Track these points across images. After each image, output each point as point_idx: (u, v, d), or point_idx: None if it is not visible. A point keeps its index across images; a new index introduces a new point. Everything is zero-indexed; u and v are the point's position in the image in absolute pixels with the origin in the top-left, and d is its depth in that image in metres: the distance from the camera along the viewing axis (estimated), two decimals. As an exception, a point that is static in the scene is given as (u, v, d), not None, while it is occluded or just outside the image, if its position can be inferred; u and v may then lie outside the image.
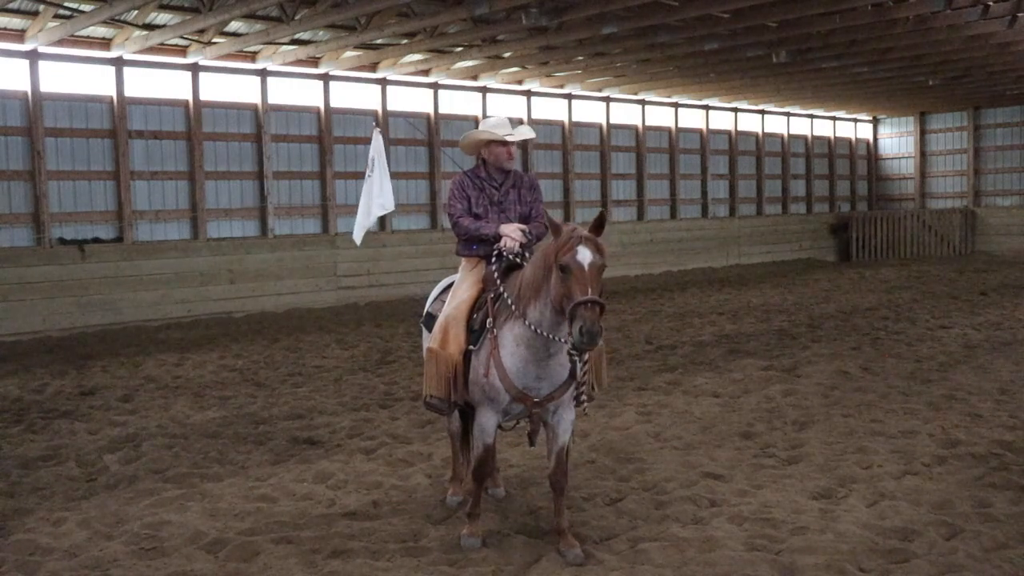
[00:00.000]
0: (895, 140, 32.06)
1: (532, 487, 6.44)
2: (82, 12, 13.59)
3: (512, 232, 5.51)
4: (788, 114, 28.83)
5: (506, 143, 5.70)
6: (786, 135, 29.04)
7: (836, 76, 21.46)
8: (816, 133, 30.14)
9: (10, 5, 13.39)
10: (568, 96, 22.65)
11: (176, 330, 14.86)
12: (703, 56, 18.45)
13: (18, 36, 14.46)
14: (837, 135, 30.97)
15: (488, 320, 5.25)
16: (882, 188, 32.45)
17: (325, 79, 18.35)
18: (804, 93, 24.55)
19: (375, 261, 18.74)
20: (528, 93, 21.76)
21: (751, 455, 7.11)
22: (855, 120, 31.45)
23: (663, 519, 5.72)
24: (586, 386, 5.16)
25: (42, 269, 14.74)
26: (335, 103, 18.61)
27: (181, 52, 16.18)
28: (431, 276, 16.45)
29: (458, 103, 20.64)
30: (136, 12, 14.11)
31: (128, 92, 15.82)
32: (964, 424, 7.86)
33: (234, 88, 17.32)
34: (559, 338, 4.95)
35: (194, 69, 16.53)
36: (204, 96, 16.79)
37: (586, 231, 4.81)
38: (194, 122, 16.62)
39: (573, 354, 4.89)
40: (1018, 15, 15.54)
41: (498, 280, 5.40)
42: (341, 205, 18.68)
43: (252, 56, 17.17)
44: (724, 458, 7.01)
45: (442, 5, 14.49)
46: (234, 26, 15.53)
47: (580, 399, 5.15)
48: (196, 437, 8.02)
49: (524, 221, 5.77)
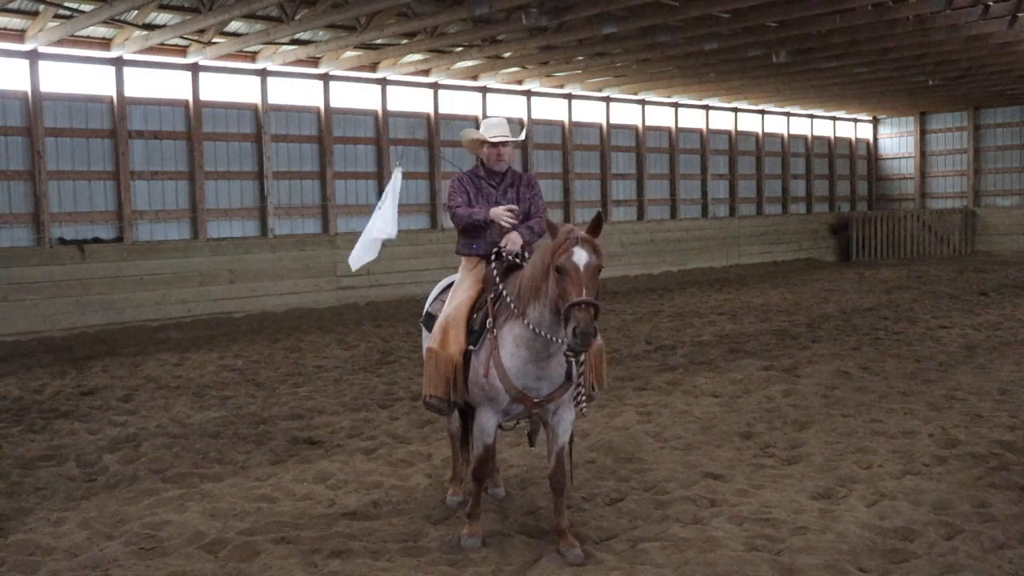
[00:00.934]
0: (895, 140, 32.07)
1: (532, 487, 6.44)
2: (82, 12, 13.59)
3: (502, 216, 5.55)
4: (788, 114, 28.83)
5: (495, 144, 5.73)
6: (786, 135, 29.04)
7: (836, 76, 21.47)
8: (816, 133, 30.14)
9: (10, 5, 13.39)
10: (568, 96, 22.65)
11: (176, 330, 14.85)
12: (703, 56, 18.45)
13: (18, 36, 14.46)
14: (837, 135, 30.97)
15: (488, 320, 5.26)
16: (882, 188, 32.46)
17: (325, 79, 18.35)
18: (804, 93, 24.56)
19: (375, 261, 18.61)
20: (528, 93, 21.76)
21: (751, 455, 7.11)
22: (855, 120, 31.45)
23: (663, 519, 5.72)
24: (584, 387, 5.16)
25: (42, 269, 14.73)
26: (335, 103, 18.61)
27: (181, 52, 16.18)
28: (431, 276, 16.47)
29: (458, 103, 20.64)
30: (136, 12, 14.11)
31: (128, 92, 15.82)
32: (964, 424, 7.86)
33: (234, 88, 17.33)
34: (558, 339, 4.96)
35: (194, 69, 16.53)
36: (204, 96, 16.79)
37: (583, 232, 4.83)
38: (194, 122, 16.62)
39: (569, 355, 4.91)
40: (1018, 15, 15.55)
41: (498, 280, 5.41)
42: (341, 205, 18.69)
43: (252, 56, 17.17)
44: (724, 458, 7.01)
45: (442, 5, 14.49)
46: (234, 26, 15.53)
47: (579, 401, 5.16)
48: (196, 437, 8.02)
49: (524, 219, 5.81)
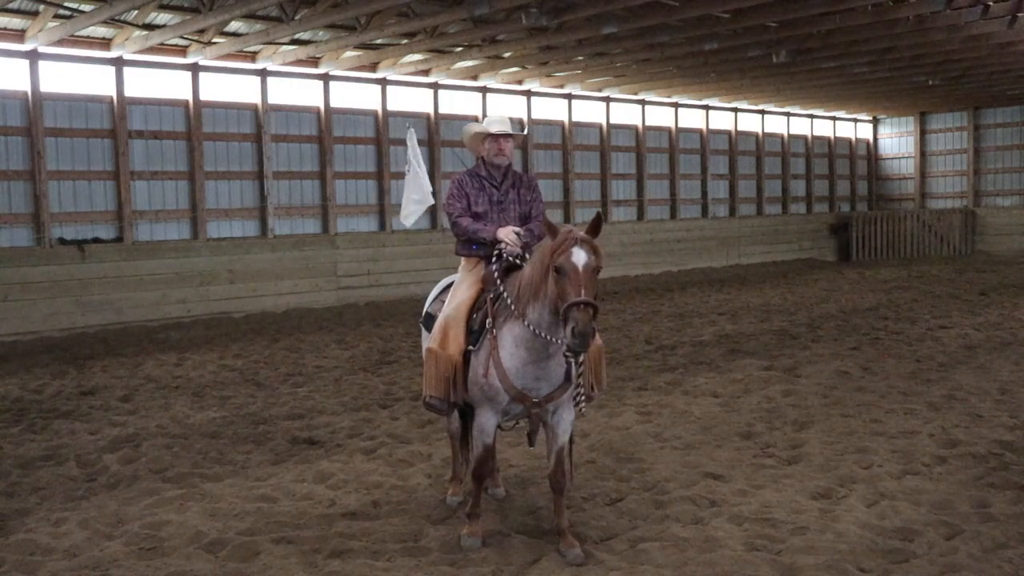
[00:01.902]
0: (895, 140, 32.06)
1: (532, 487, 6.44)
2: (82, 12, 13.59)
3: (508, 236, 5.51)
4: (788, 114, 28.82)
5: (497, 138, 5.72)
6: (786, 135, 29.03)
7: (836, 76, 21.47)
8: (816, 133, 30.14)
9: (10, 5, 13.39)
10: (568, 96, 22.65)
11: (176, 330, 14.85)
12: (703, 56, 18.45)
13: (18, 36, 14.46)
14: (837, 135, 30.96)
15: (488, 320, 5.26)
16: (882, 188, 32.46)
17: (325, 79, 18.35)
18: (804, 93, 24.56)
19: (375, 261, 18.74)
20: (528, 93, 21.76)
21: (751, 455, 7.11)
22: (855, 120, 31.44)
23: (663, 519, 5.72)
24: (583, 388, 5.17)
25: (42, 269, 14.73)
26: (335, 103, 18.61)
27: (181, 52, 16.18)
28: (431, 276, 16.44)
29: (458, 103, 20.63)
30: (136, 12, 14.11)
31: (128, 92, 15.81)
32: (964, 424, 7.86)
33: (234, 88, 17.32)
34: (557, 339, 4.96)
35: (194, 69, 16.53)
36: (204, 96, 16.79)
37: (582, 233, 4.83)
38: (194, 122, 16.62)
39: (568, 355, 4.91)
40: (1018, 15, 15.54)
41: (498, 280, 5.40)
42: (341, 205, 18.69)
43: (252, 56, 17.17)
44: (724, 458, 7.01)
45: (442, 5, 14.49)
46: (234, 26, 15.53)
47: (578, 401, 5.16)
48: (196, 437, 8.02)
49: (524, 220, 5.79)
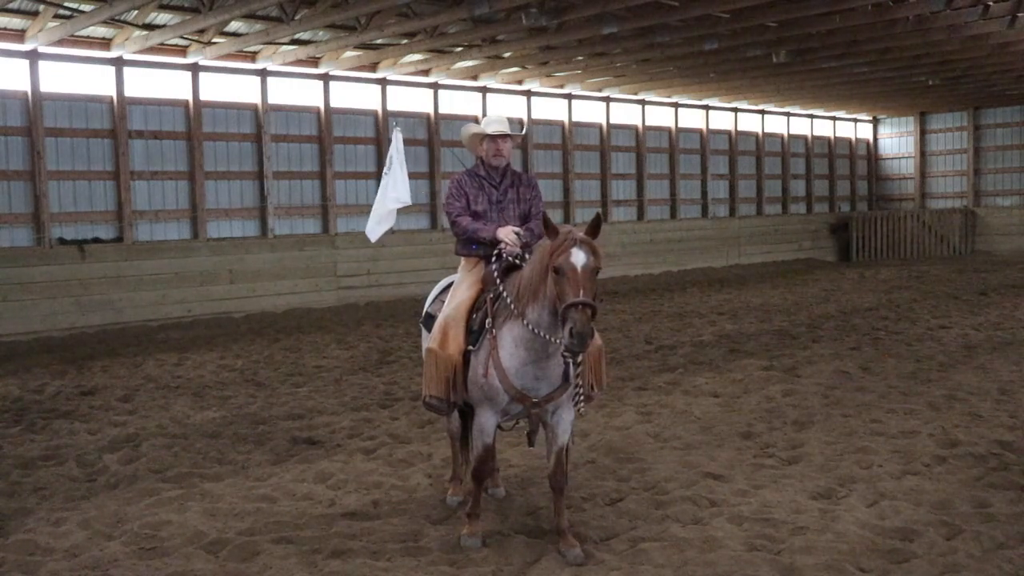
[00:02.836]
0: (895, 140, 32.06)
1: (532, 487, 6.44)
2: (82, 12, 13.59)
3: (507, 235, 5.51)
4: (788, 114, 28.82)
5: (495, 139, 5.71)
6: (786, 135, 29.03)
7: (836, 76, 21.47)
8: (816, 133, 30.14)
9: (10, 5, 13.39)
10: (568, 96, 22.64)
11: (176, 330, 14.85)
12: (703, 56, 18.45)
13: (18, 36, 14.46)
14: (837, 135, 30.97)
15: (487, 320, 5.26)
16: (882, 188, 32.46)
17: (325, 79, 18.35)
18: (804, 93, 24.56)
19: (375, 261, 18.74)
20: (528, 93, 21.76)
21: (751, 455, 7.11)
22: (855, 120, 31.45)
23: (663, 519, 5.72)
24: (581, 388, 5.17)
25: (42, 269, 14.73)
26: (335, 103, 18.61)
27: (181, 52, 16.18)
28: (431, 276, 16.41)
29: (458, 103, 20.63)
30: (136, 12, 14.11)
31: (128, 92, 15.81)
32: (964, 424, 7.86)
33: (234, 88, 17.32)
34: (557, 339, 4.96)
35: (194, 69, 16.53)
36: (204, 96, 16.78)
37: (581, 233, 4.83)
38: (194, 122, 16.62)
39: (567, 356, 4.90)
40: (1018, 15, 15.55)
41: (497, 280, 5.40)
42: (341, 205, 18.69)
43: (252, 56, 17.17)
44: (724, 458, 7.01)
45: (442, 5, 14.49)
46: (234, 26, 15.53)
47: (577, 401, 5.17)
48: (196, 437, 8.02)
49: (523, 220, 5.79)
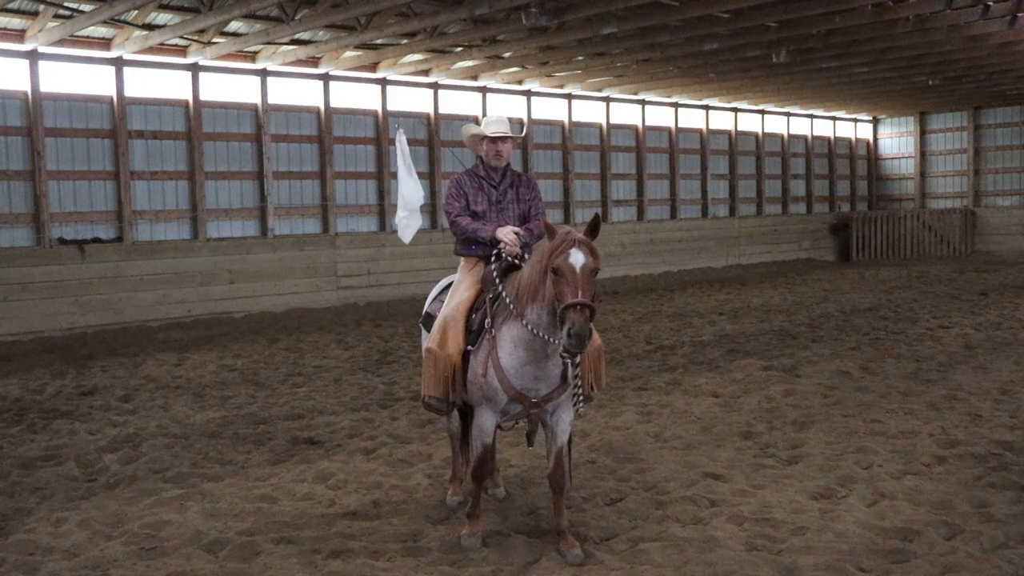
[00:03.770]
0: (895, 140, 32.06)
1: (532, 487, 6.44)
2: (82, 12, 13.59)
3: (507, 235, 5.51)
4: (788, 114, 28.82)
5: (494, 140, 5.72)
6: (786, 135, 29.03)
7: (836, 76, 21.47)
8: (816, 133, 30.13)
9: (10, 5, 13.39)
10: (568, 96, 22.64)
11: (176, 330, 14.85)
12: (703, 56, 18.45)
13: (18, 36, 14.46)
14: (837, 135, 30.96)
15: (486, 321, 5.26)
16: (882, 188, 32.45)
17: (325, 79, 18.35)
18: (804, 93, 24.55)
19: (375, 261, 18.74)
20: (528, 93, 21.76)
21: (751, 455, 7.11)
22: (855, 120, 31.44)
23: (663, 519, 5.72)
24: (580, 388, 5.16)
25: (42, 269, 14.73)
26: (335, 103, 18.61)
27: (181, 52, 16.18)
28: (431, 276, 16.41)
29: (458, 103, 20.63)
30: (136, 12, 14.11)
31: (128, 92, 15.81)
32: (964, 424, 7.86)
33: (234, 88, 17.32)
34: (556, 340, 4.96)
35: (194, 69, 16.53)
36: (204, 96, 16.78)
37: (580, 234, 4.83)
38: (194, 122, 16.62)
39: (565, 356, 4.90)
40: (1018, 15, 15.53)
41: (497, 280, 5.40)
42: (341, 205, 18.69)
43: (252, 56, 17.16)
44: (724, 458, 7.01)
45: (442, 5, 14.49)
46: (234, 26, 15.53)
47: (576, 401, 5.16)
48: (196, 437, 8.02)
49: (523, 220, 5.79)
